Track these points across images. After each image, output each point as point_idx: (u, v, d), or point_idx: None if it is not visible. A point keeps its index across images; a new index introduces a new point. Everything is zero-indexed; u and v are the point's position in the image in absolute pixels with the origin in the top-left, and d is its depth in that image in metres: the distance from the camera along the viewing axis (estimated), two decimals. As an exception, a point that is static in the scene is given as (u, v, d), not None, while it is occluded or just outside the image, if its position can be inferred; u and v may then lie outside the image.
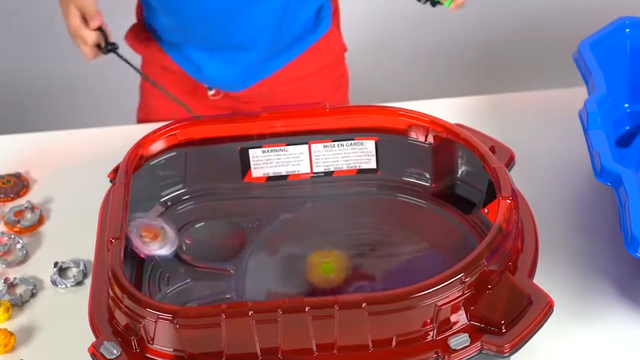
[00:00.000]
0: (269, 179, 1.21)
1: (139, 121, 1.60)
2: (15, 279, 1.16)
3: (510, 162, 1.15)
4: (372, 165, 1.21)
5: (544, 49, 2.49)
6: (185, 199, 1.20)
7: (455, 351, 0.94)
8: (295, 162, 1.20)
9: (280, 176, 1.21)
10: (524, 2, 2.56)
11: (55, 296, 1.16)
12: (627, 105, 1.30)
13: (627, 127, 1.30)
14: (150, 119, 1.53)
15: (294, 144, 1.19)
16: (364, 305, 0.93)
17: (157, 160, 1.18)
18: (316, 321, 0.94)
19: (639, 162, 1.24)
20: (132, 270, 1.10)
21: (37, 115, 2.45)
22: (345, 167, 1.21)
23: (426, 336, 0.96)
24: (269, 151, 1.19)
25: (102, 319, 0.99)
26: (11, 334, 1.09)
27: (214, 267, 1.11)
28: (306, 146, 1.19)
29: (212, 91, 1.51)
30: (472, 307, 0.97)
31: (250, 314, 0.93)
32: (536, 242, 1.06)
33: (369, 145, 1.19)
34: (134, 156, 1.14)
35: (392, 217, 1.17)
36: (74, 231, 1.23)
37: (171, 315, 0.94)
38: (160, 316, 0.94)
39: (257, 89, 1.50)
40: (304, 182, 1.21)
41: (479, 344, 0.94)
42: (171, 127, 1.18)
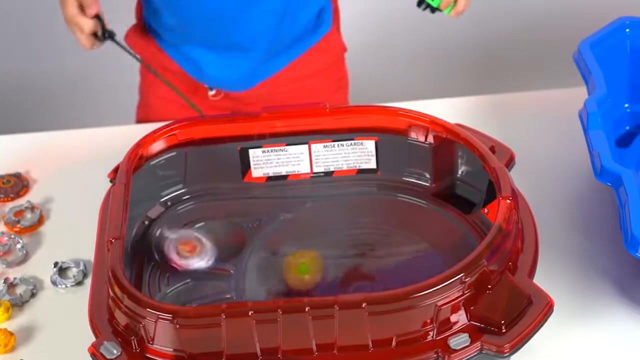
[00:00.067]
0: (269, 179, 1.21)
1: (138, 120, 1.60)
2: (15, 279, 1.16)
3: (510, 162, 1.15)
4: (372, 165, 1.21)
5: (544, 49, 2.49)
6: (185, 199, 1.20)
7: (455, 351, 0.94)
8: (295, 162, 1.20)
9: (280, 176, 1.21)
10: (524, 2, 2.56)
11: (55, 296, 1.16)
12: (627, 105, 1.30)
13: (627, 127, 1.30)
14: (149, 118, 1.53)
15: (294, 144, 1.19)
16: (364, 305, 0.93)
17: (157, 160, 1.18)
18: (316, 321, 0.94)
19: (639, 162, 1.24)
20: (132, 270, 1.10)
21: (37, 115, 2.45)
22: (345, 167, 1.21)
23: (426, 336, 0.96)
24: (269, 151, 1.19)
25: (102, 319, 0.99)
26: (11, 334, 1.09)
27: (214, 267, 1.11)
28: (306, 146, 1.19)
29: (212, 91, 1.51)
30: (472, 307, 0.97)
31: (250, 314, 0.93)
32: (536, 242, 1.06)
33: (369, 145, 1.19)
34: (134, 156, 1.14)
35: (392, 217, 1.17)
36: (74, 231, 1.23)
37: (171, 315, 0.94)
38: (160, 316, 0.94)
39: (258, 89, 1.50)
40: (304, 182, 1.21)
41: (479, 344, 0.94)
42: (171, 127, 1.18)
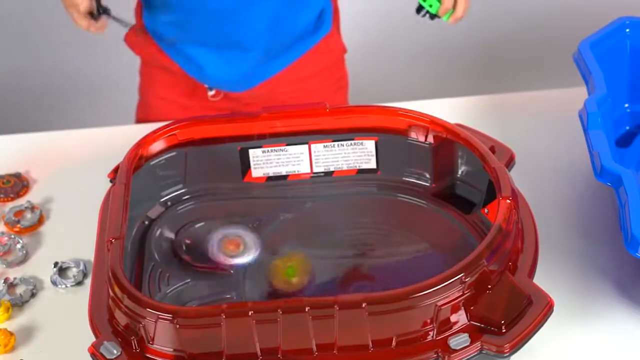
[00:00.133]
0: (269, 179, 1.21)
1: (138, 120, 1.60)
2: (15, 279, 1.16)
3: (510, 162, 1.15)
4: (372, 165, 1.21)
5: (544, 49, 2.49)
6: (185, 199, 1.20)
7: (455, 351, 0.94)
8: (295, 162, 1.20)
9: (280, 176, 1.21)
10: (524, 2, 2.56)
11: (55, 296, 1.16)
12: (627, 105, 1.30)
13: (627, 127, 1.30)
14: (149, 118, 1.53)
15: (294, 144, 1.19)
16: (364, 305, 0.93)
17: (157, 160, 1.18)
18: (316, 321, 0.94)
19: (639, 162, 1.24)
20: (132, 270, 1.10)
21: (37, 115, 2.45)
22: (345, 167, 1.21)
23: (426, 336, 0.96)
24: (269, 151, 1.19)
25: (102, 319, 0.99)
26: (11, 334, 1.09)
27: (214, 267, 1.11)
28: (306, 146, 1.19)
29: (212, 92, 1.51)
30: (472, 307, 0.97)
31: (250, 314, 0.93)
32: (536, 242, 1.06)
33: (369, 145, 1.19)
34: (134, 156, 1.14)
35: (392, 217, 1.17)
36: (74, 231, 1.23)
37: (171, 315, 0.94)
38: (160, 316, 0.94)
39: (257, 90, 1.50)
40: (304, 182, 1.21)
41: (479, 344, 0.94)
42: (171, 127, 1.18)
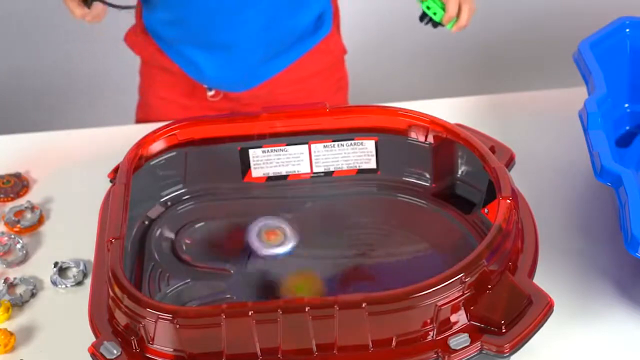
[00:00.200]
0: (269, 179, 1.21)
1: (138, 120, 1.60)
2: (15, 279, 1.16)
3: (510, 162, 1.15)
4: (372, 165, 1.21)
5: (544, 49, 2.49)
6: (185, 199, 1.20)
7: (455, 351, 0.94)
8: (295, 162, 1.20)
9: (280, 176, 1.21)
10: (524, 2, 2.56)
11: (55, 296, 1.16)
12: (627, 105, 1.30)
13: (627, 127, 1.30)
14: (149, 118, 1.53)
15: (294, 144, 1.19)
16: (364, 305, 0.93)
17: (157, 160, 1.18)
18: (316, 321, 0.94)
19: (639, 162, 1.24)
20: (132, 270, 1.10)
21: (37, 115, 2.45)
22: (345, 167, 1.21)
23: (426, 336, 0.96)
24: (269, 151, 1.19)
25: (102, 319, 0.99)
26: (11, 334, 1.09)
27: (214, 267, 1.11)
28: (306, 146, 1.19)
29: (211, 92, 1.51)
30: (472, 307, 0.97)
31: (250, 314, 0.93)
32: (536, 242, 1.06)
33: (369, 145, 1.19)
34: (134, 156, 1.14)
35: (392, 217, 1.17)
36: (74, 231, 1.23)
37: (171, 315, 0.94)
38: (160, 316, 0.94)
39: (257, 90, 1.50)
40: (304, 182, 1.21)
41: (479, 344, 0.94)
42: (171, 127, 1.18)
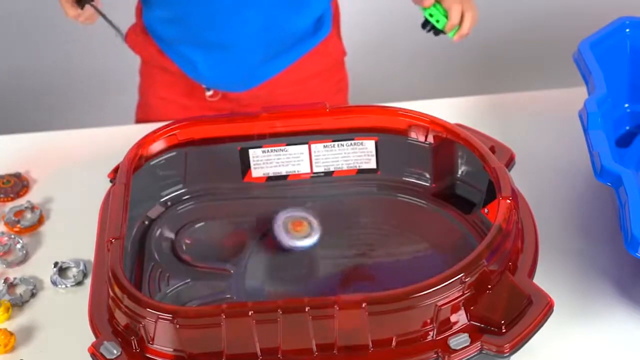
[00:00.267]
0: (269, 179, 1.21)
1: (138, 120, 1.60)
2: (15, 279, 1.16)
3: (510, 162, 1.15)
4: (372, 165, 1.21)
5: (544, 49, 2.49)
6: (185, 199, 1.20)
7: (455, 351, 0.94)
8: (295, 162, 1.20)
9: (280, 176, 1.21)
10: (524, 2, 2.56)
11: (55, 296, 1.16)
12: (627, 105, 1.30)
13: (627, 127, 1.30)
14: (149, 118, 1.53)
15: (294, 144, 1.19)
16: (364, 305, 0.93)
17: (157, 160, 1.18)
18: (316, 321, 0.94)
19: (639, 162, 1.24)
20: (132, 270, 1.10)
21: (37, 115, 2.45)
22: (345, 167, 1.21)
23: (426, 336, 0.96)
24: (269, 151, 1.19)
25: (102, 319, 0.99)
26: (11, 334, 1.09)
27: (214, 267, 1.11)
28: (306, 146, 1.19)
29: (209, 92, 1.51)
30: (472, 307, 0.97)
31: (250, 314, 0.93)
32: (536, 242, 1.06)
33: (369, 145, 1.19)
34: (134, 156, 1.14)
35: (392, 217, 1.17)
36: (74, 231, 1.23)
37: (171, 315, 0.94)
38: (160, 316, 0.94)
39: (256, 91, 1.50)
40: (304, 182, 1.21)
41: (479, 344, 0.94)
42: (171, 127, 1.18)
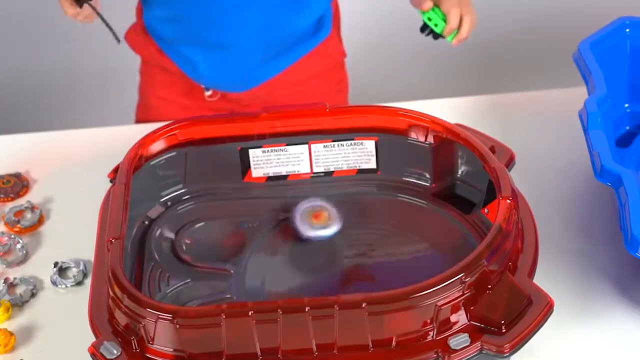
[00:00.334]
0: (269, 179, 1.21)
1: (137, 121, 1.60)
2: (15, 279, 1.16)
3: (510, 162, 1.15)
4: (372, 165, 1.21)
5: (544, 49, 2.49)
6: (185, 199, 1.20)
7: (455, 351, 0.94)
8: (295, 162, 1.20)
9: (280, 176, 1.21)
10: (524, 2, 2.56)
11: (55, 296, 1.16)
12: (627, 105, 1.30)
13: (627, 127, 1.30)
14: (149, 118, 1.53)
15: (294, 144, 1.19)
16: (364, 305, 0.93)
17: (157, 160, 1.18)
18: (316, 321, 0.94)
19: (639, 162, 1.24)
20: (132, 270, 1.10)
21: (37, 115, 2.45)
22: (345, 167, 1.21)
23: (426, 336, 0.96)
24: (269, 151, 1.19)
25: (102, 319, 0.99)
26: (11, 334, 1.09)
27: (214, 267, 1.11)
28: (306, 146, 1.19)
29: (209, 92, 1.51)
30: (472, 307, 0.97)
31: (250, 314, 0.93)
32: (536, 242, 1.06)
33: (369, 145, 1.19)
34: (134, 156, 1.14)
35: (392, 217, 1.17)
36: (74, 231, 1.23)
37: (171, 315, 0.94)
38: (160, 316, 0.94)
39: (256, 92, 1.50)
40: (304, 182, 1.21)
41: (479, 344, 0.94)
42: (171, 127, 1.18)
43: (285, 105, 1.32)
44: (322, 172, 1.21)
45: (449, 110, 1.34)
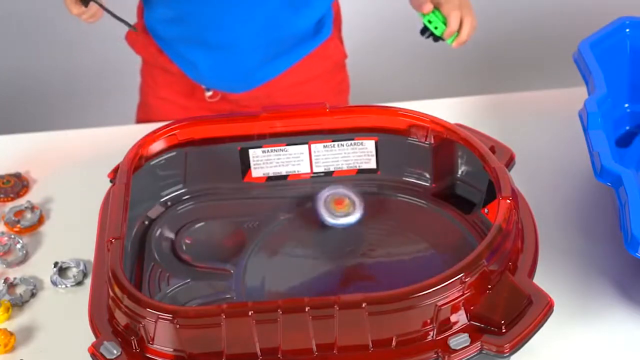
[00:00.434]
0: (269, 179, 1.21)
1: (138, 121, 1.60)
2: (15, 279, 1.16)
3: (510, 162, 1.15)
4: (372, 165, 1.21)
5: (544, 49, 2.49)
6: (185, 199, 1.20)
7: (455, 351, 0.94)
8: (295, 162, 1.20)
9: (280, 176, 1.21)
10: (524, 2, 2.56)
11: (55, 296, 1.16)
12: (627, 105, 1.30)
13: (627, 127, 1.30)
14: (149, 118, 1.53)
15: (294, 144, 1.19)
16: (364, 305, 0.93)
17: (157, 160, 1.18)
18: (316, 321, 0.94)
19: (639, 162, 1.24)
20: (132, 270, 1.10)
21: (37, 115, 2.45)
22: (345, 167, 1.21)
23: (426, 336, 0.96)
24: (269, 151, 1.19)
25: (102, 319, 0.99)
26: (11, 334, 1.09)
27: (214, 267, 1.11)
28: (306, 146, 1.19)
29: (209, 92, 1.51)
30: (472, 307, 0.97)
31: (250, 314, 0.93)
32: (536, 242, 1.06)
33: (369, 145, 1.19)
34: (134, 156, 1.14)
35: (392, 217, 1.17)
36: (74, 231, 1.23)
37: (171, 315, 0.94)
38: (160, 316, 0.94)
39: (256, 92, 1.50)
40: (304, 182, 1.21)
41: (479, 344, 0.94)
42: (171, 127, 1.18)
43: (285, 105, 1.32)
44: (322, 172, 1.21)
45: (449, 110, 1.34)
